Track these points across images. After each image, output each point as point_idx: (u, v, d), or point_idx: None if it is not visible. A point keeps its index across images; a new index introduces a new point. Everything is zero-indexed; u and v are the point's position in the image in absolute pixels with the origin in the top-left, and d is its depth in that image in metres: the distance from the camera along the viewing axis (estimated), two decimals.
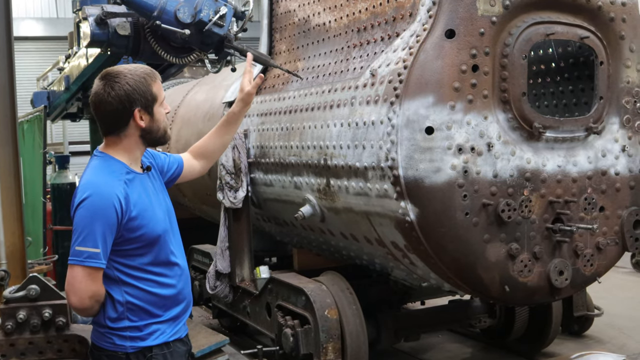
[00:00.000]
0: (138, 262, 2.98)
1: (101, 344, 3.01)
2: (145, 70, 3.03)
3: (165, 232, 3.05)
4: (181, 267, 3.14)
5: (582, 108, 5.34)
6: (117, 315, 2.96)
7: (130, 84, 2.96)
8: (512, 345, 6.78)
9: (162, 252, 3.03)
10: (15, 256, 4.37)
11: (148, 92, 3.00)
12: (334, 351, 5.28)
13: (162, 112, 3.08)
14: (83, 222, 2.85)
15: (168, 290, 3.05)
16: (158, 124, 3.07)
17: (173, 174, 3.44)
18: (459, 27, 4.40)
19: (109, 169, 2.97)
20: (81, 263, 2.82)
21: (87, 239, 2.82)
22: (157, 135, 3.09)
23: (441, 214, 4.40)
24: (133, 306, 2.97)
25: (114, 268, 2.95)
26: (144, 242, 2.97)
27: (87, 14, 5.55)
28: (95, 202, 2.85)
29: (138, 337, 2.97)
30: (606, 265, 5.00)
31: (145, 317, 2.99)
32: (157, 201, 3.09)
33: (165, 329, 3.04)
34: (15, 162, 4.35)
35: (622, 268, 10.00)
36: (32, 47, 25.09)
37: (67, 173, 11.27)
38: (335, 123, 5.06)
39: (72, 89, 8.28)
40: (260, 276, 6.23)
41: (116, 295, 2.96)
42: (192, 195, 8.57)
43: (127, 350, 2.96)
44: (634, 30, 4.94)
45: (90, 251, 2.82)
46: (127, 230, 2.91)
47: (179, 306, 3.10)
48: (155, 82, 3.04)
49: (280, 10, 6.44)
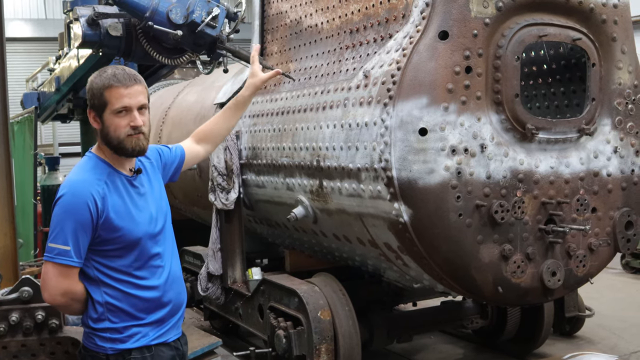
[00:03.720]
0: (118, 264, 2.97)
1: (87, 345, 3.02)
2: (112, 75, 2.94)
3: (146, 236, 3.01)
4: (167, 270, 3.10)
5: (574, 110, 5.36)
6: (97, 316, 2.96)
7: (92, 82, 2.97)
8: (503, 346, 6.79)
9: (142, 254, 3.00)
10: (7, 258, 4.34)
11: (100, 96, 2.94)
12: (327, 352, 5.27)
13: (115, 123, 2.95)
14: (56, 220, 2.88)
15: (149, 292, 3.01)
16: (108, 131, 2.97)
17: (175, 164, 3.44)
18: (452, 29, 4.40)
19: (91, 168, 2.98)
20: (51, 259, 2.86)
21: (57, 236, 2.86)
22: (112, 144, 2.99)
23: (434, 215, 4.40)
24: (113, 307, 2.95)
25: (94, 268, 2.95)
26: (122, 243, 2.95)
27: (78, 14, 5.53)
28: (68, 200, 2.87)
29: (117, 339, 2.96)
30: (598, 266, 5.02)
31: (126, 319, 2.97)
32: (142, 204, 3.05)
33: (147, 331, 3.00)
34: (7, 163, 4.33)
35: (612, 269, 10.05)
36: (21, 49, 25.00)
37: (57, 174, 11.23)
38: (328, 124, 5.06)
39: (63, 90, 8.25)
40: (253, 278, 6.22)
41: (96, 295, 2.96)
42: (183, 196, 8.54)
43: (107, 351, 2.96)
44: (625, 32, 4.96)
45: (60, 248, 2.85)
46: (105, 231, 2.90)
47: (163, 309, 3.06)
48: (114, 89, 2.92)
49: (272, 11, 6.43)
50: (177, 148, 3.49)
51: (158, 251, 3.07)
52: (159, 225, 3.12)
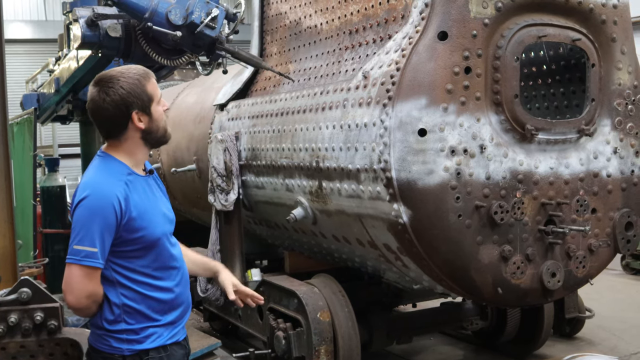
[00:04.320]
0: (136, 265, 2.95)
1: (99, 346, 2.98)
2: (138, 71, 3.00)
3: (164, 236, 3.02)
4: (180, 270, 3.11)
5: (573, 110, 5.36)
6: (114, 318, 2.93)
7: (125, 87, 2.92)
8: (503, 347, 6.79)
9: (161, 255, 3.00)
10: (6, 259, 4.32)
11: (143, 93, 2.97)
12: (326, 354, 5.27)
13: (160, 111, 3.04)
14: (81, 221, 2.82)
15: (166, 294, 3.01)
16: (157, 123, 3.03)
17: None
18: (451, 29, 4.40)
19: (110, 169, 2.94)
20: (78, 262, 2.80)
21: (84, 238, 2.80)
22: (157, 135, 3.06)
23: (434, 216, 4.40)
24: (130, 309, 2.93)
25: (111, 269, 2.92)
26: (143, 244, 2.93)
27: (77, 15, 5.51)
28: (94, 202, 2.82)
29: (135, 340, 2.94)
30: (598, 267, 5.02)
31: (143, 321, 2.95)
32: (157, 204, 3.07)
33: (162, 332, 3.00)
34: (6, 164, 4.31)
35: (612, 270, 10.03)
36: (21, 50, 25.02)
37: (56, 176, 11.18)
38: (328, 125, 5.05)
39: (63, 91, 8.22)
40: (252, 279, 6.21)
41: (113, 297, 2.93)
42: (182, 198, 8.54)
43: (124, 352, 2.93)
44: (625, 32, 4.96)
45: (87, 250, 2.79)
46: (127, 232, 2.88)
47: (177, 310, 3.07)
48: (149, 81, 3.00)
49: (272, 12, 6.43)
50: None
51: (173, 252, 3.08)
52: (172, 225, 3.15)
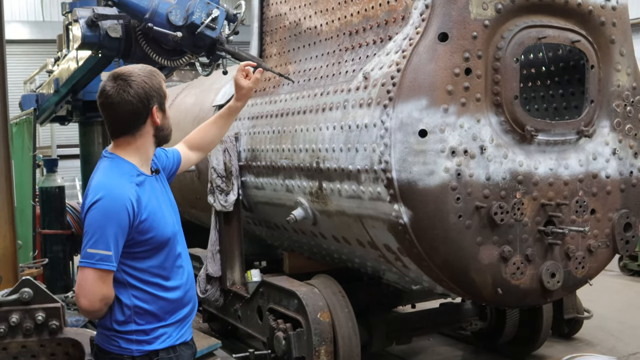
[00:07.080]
0: (146, 265, 2.94)
1: (107, 347, 2.96)
2: (152, 69, 3.02)
3: (173, 235, 3.03)
4: (187, 270, 3.11)
5: (572, 112, 5.37)
6: (124, 319, 2.92)
7: (147, 81, 2.92)
8: (502, 347, 6.80)
9: (170, 255, 3.00)
10: (6, 259, 4.32)
11: (161, 89, 3.00)
12: (326, 354, 5.27)
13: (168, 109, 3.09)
14: (95, 224, 2.79)
15: (175, 293, 3.01)
16: (168, 120, 3.07)
17: (173, 169, 3.42)
18: (452, 31, 4.41)
19: (120, 170, 2.92)
20: (93, 265, 2.77)
21: (99, 241, 2.77)
22: (166, 132, 3.08)
23: (434, 217, 4.41)
24: (140, 310, 2.93)
25: (122, 271, 2.90)
26: (153, 245, 2.93)
27: (78, 16, 5.53)
28: (107, 204, 2.80)
29: (144, 341, 2.93)
30: (597, 268, 5.03)
31: (152, 321, 2.95)
32: (165, 204, 3.07)
33: (171, 332, 3.00)
34: (6, 165, 4.31)
35: (610, 271, 10.05)
36: (19, 51, 24.95)
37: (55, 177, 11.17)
38: (328, 126, 5.06)
39: (62, 91, 8.24)
40: (252, 279, 6.22)
41: (124, 298, 2.91)
42: (181, 198, 8.53)
43: (133, 353, 2.92)
44: (624, 34, 4.98)
45: (102, 254, 2.77)
46: (138, 233, 2.87)
47: (184, 309, 3.07)
48: (162, 80, 3.04)
49: (271, 13, 6.44)
50: (174, 153, 3.47)
51: (180, 251, 3.08)
52: (179, 224, 3.15)
